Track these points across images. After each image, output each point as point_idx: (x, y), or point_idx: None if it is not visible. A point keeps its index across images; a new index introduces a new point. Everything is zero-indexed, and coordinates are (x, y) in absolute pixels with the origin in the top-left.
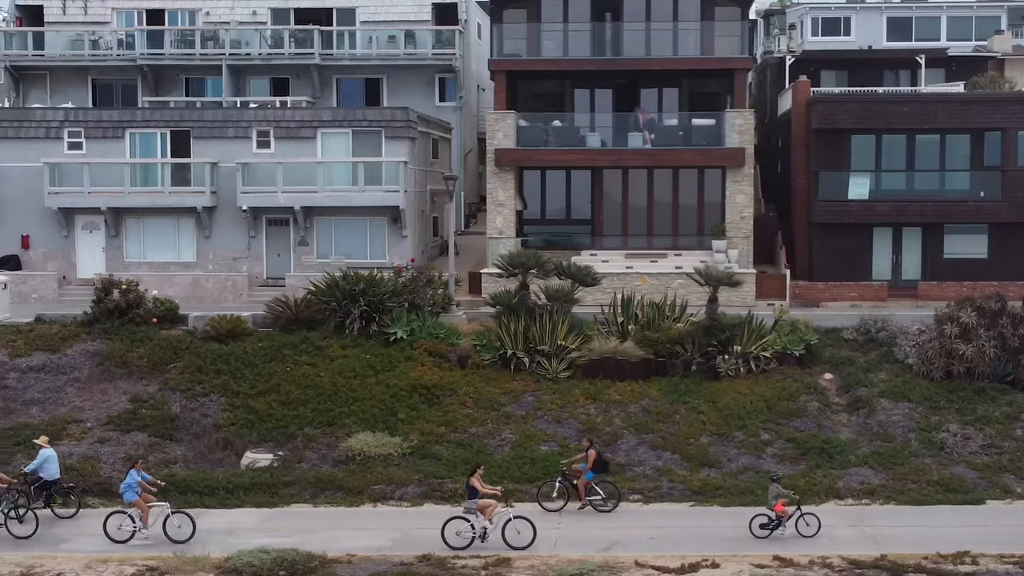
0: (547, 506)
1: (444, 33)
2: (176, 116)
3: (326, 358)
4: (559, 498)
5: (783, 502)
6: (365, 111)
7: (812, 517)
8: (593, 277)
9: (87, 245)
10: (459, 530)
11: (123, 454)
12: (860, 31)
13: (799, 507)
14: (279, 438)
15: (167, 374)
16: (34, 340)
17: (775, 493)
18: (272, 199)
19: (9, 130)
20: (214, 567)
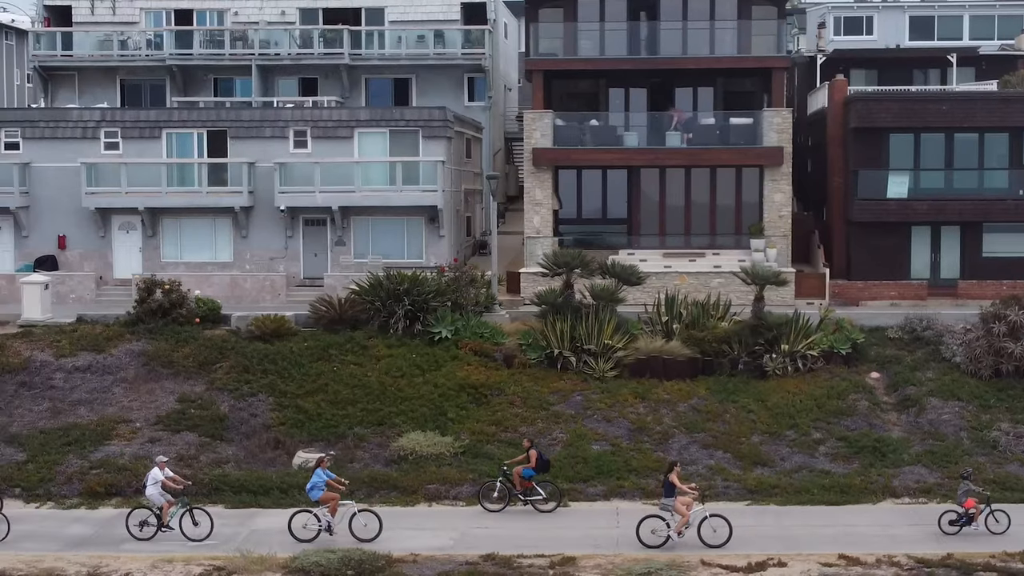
0: (488, 507)
1: (473, 33)
2: (213, 116)
3: (372, 358)
4: (500, 499)
5: (973, 499)
6: (402, 111)
7: (1002, 514)
8: (638, 276)
9: (124, 245)
10: (655, 528)
11: (174, 454)
12: (882, 30)
13: (989, 504)
14: (329, 438)
15: (213, 374)
16: (78, 340)
17: (964, 490)
18: (310, 199)
19: (45, 130)
20: (280, 567)
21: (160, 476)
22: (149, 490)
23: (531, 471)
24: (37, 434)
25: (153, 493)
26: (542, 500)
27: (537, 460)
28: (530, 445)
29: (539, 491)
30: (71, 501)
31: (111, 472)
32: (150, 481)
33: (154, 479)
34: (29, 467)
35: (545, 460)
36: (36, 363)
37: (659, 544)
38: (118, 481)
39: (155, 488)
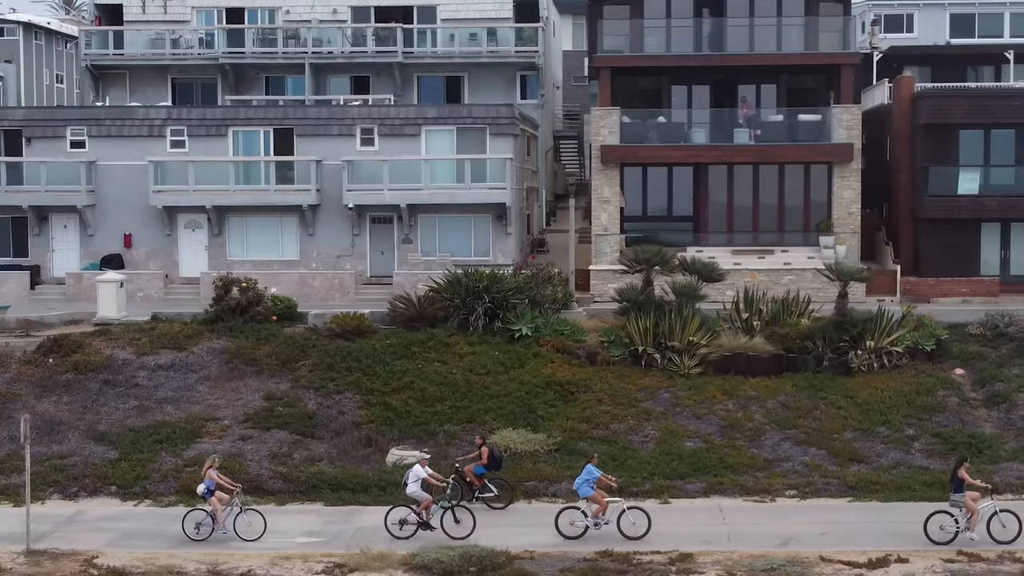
0: (442, 504)
1: (526, 30)
2: (279, 114)
3: (455, 355)
4: (453, 497)
5: None
6: (470, 108)
7: None
8: (719, 273)
9: (189, 244)
10: (943, 524)
11: (267, 452)
12: (923, 27)
13: None
14: (420, 435)
15: (297, 372)
16: (158, 338)
17: None
18: (378, 197)
19: (111, 129)
20: (400, 564)
21: (423, 473)
22: (411, 488)
23: (483, 468)
24: (127, 432)
25: (415, 490)
26: (494, 497)
27: (489, 457)
28: (482, 442)
29: (491, 488)
30: (168, 499)
31: None
32: (411, 479)
33: (416, 476)
34: (123, 465)
35: (497, 458)
36: (118, 361)
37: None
38: None
39: (416, 486)
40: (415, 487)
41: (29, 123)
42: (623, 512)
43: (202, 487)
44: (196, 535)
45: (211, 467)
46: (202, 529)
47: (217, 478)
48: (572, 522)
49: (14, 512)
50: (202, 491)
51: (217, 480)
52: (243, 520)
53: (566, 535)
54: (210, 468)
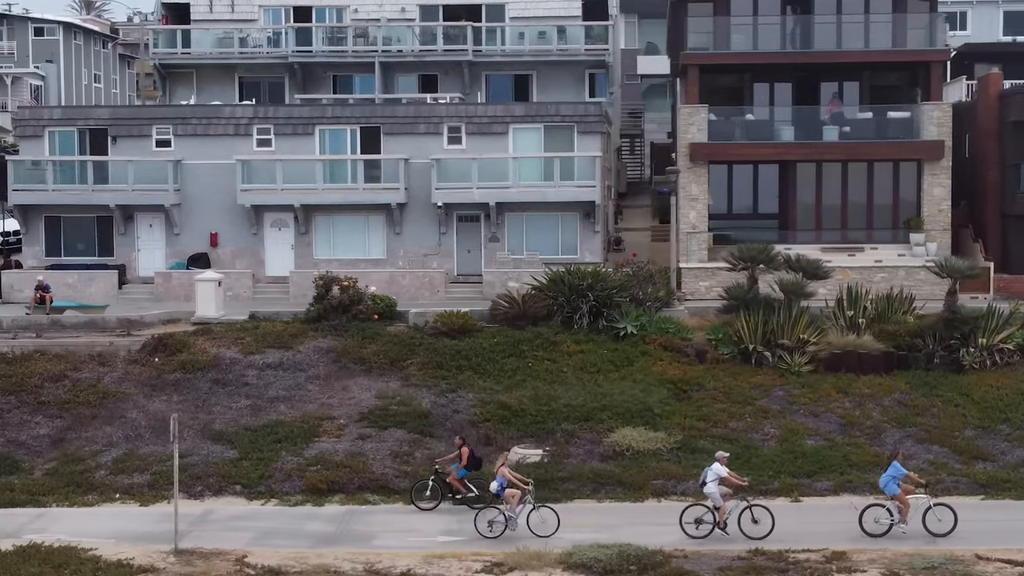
0: (421, 505)
1: (595, 28)
2: (366, 112)
3: (563, 353)
4: (432, 498)
5: None
6: (558, 106)
7: None
8: (824, 271)
9: (276, 243)
10: None
11: (388, 451)
12: (976, 25)
13: None
14: (538, 433)
15: (406, 370)
16: (263, 337)
17: None
18: (467, 195)
19: (198, 127)
20: (557, 562)
21: (723, 472)
22: (709, 487)
23: (464, 470)
24: (243, 431)
25: (713, 491)
26: (475, 498)
27: (469, 458)
28: (462, 443)
29: (472, 489)
30: (295, 498)
31: (329, 469)
32: (710, 477)
33: (715, 475)
34: (244, 464)
35: (477, 458)
36: (226, 360)
37: None
38: (339, 478)
39: (714, 485)
40: (713, 486)
41: (115, 122)
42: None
43: (495, 484)
44: (489, 532)
45: (503, 464)
46: (495, 527)
47: (509, 475)
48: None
49: (144, 512)
50: (495, 488)
51: (509, 477)
52: (536, 516)
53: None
54: (502, 465)
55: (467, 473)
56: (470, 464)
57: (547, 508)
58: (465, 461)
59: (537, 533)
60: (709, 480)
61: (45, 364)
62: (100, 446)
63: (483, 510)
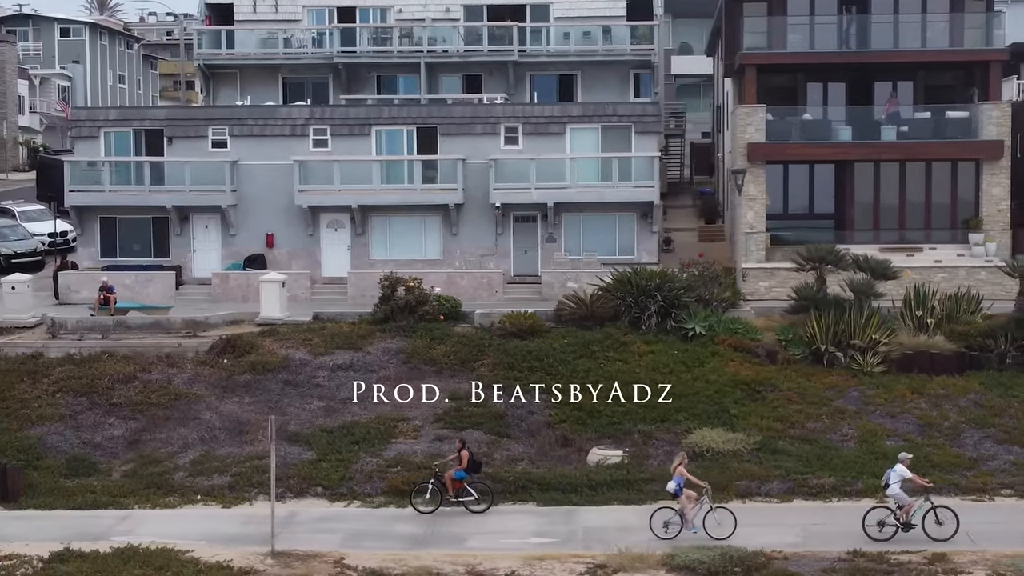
0: (420, 508)
1: (640, 28)
2: (423, 112)
3: (633, 354)
4: (432, 501)
5: None
6: (615, 106)
7: None
8: (893, 271)
9: (332, 243)
10: None
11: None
12: (1013, 25)
13: None
14: (615, 434)
15: (477, 371)
16: (331, 338)
17: None
18: (525, 195)
19: (254, 128)
20: (660, 564)
21: (907, 473)
22: (892, 488)
23: (463, 472)
24: (319, 433)
25: (897, 492)
26: (474, 501)
27: (469, 461)
28: (462, 446)
29: (471, 492)
30: (378, 500)
31: (410, 470)
32: (893, 479)
33: (899, 476)
34: (324, 466)
35: (477, 461)
36: (296, 362)
37: None
38: (421, 479)
39: (897, 486)
40: (896, 487)
41: (170, 123)
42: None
43: (672, 484)
44: (665, 533)
45: (681, 464)
46: (671, 528)
47: (688, 475)
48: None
49: (228, 513)
50: (673, 489)
51: (687, 477)
52: (712, 518)
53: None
54: (679, 465)
55: (466, 476)
56: (470, 467)
57: (724, 509)
58: (464, 464)
59: (713, 535)
60: (892, 481)
61: (114, 365)
62: (176, 447)
63: (659, 510)
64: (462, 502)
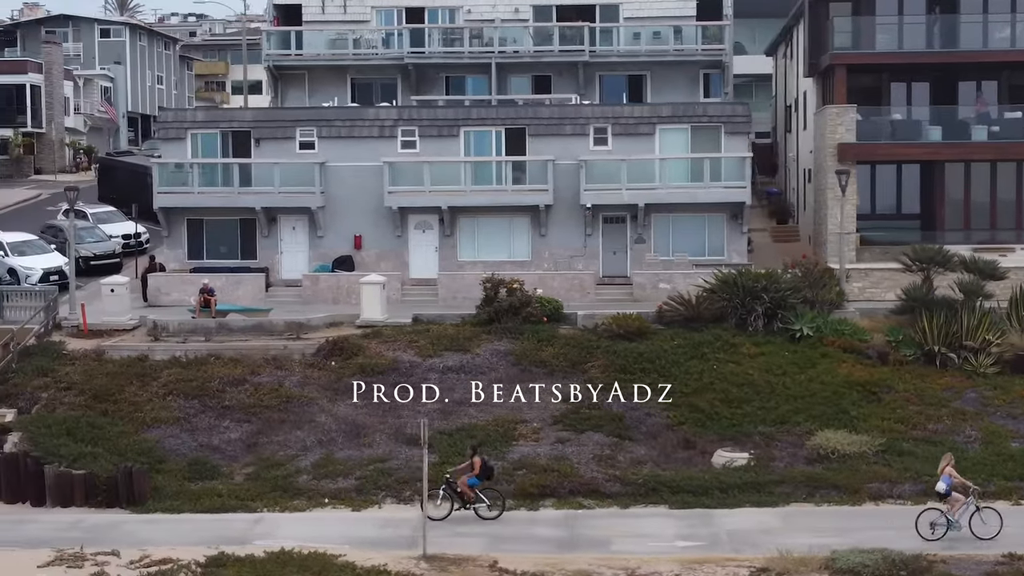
0: (432, 514)
1: (710, 28)
2: (512, 113)
3: (743, 355)
4: (444, 506)
5: None
6: (705, 106)
7: None
8: (1001, 272)
9: (420, 245)
10: None
11: (589, 454)
12: None
13: None
14: (736, 436)
15: (588, 373)
16: (437, 340)
17: None
18: (616, 196)
19: (342, 130)
20: (821, 567)
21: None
22: (941, 486)
23: (475, 479)
24: (437, 435)
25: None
26: (486, 507)
27: (481, 467)
28: (474, 452)
29: (483, 498)
30: (508, 502)
31: (537, 473)
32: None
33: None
34: (448, 468)
35: (489, 467)
36: (404, 364)
37: None
38: (549, 482)
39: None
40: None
41: (258, 124)
42: (975, 512)
43: (942, 484)
44: (931, 535)
45: (948, 464)
46: (937, 529)
47: (956, 476)
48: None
49: (360, 516)
50: (942, 489)
51: (957, 478)
52: (978, 518)
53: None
54: (947, 466)
55: (478, 482)
56: (482, 473)
57: (990, 509)
58: (477, 470)
59: (979, 535)
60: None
61: (221, 368)
62: (294, 450)
63: (925, 511)
64: (474, 508)
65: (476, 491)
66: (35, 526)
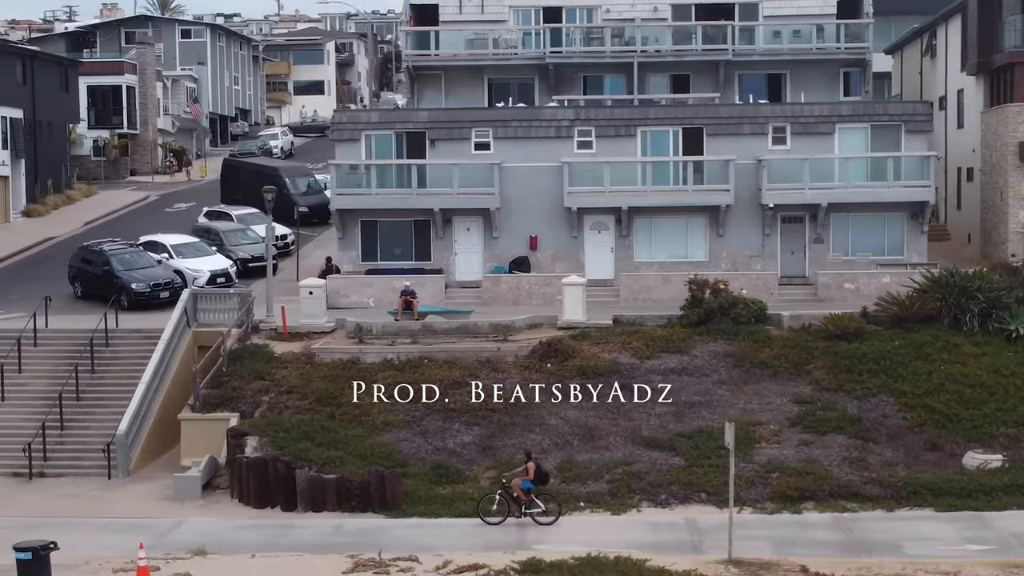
0: (488, 520)
1: (851, 26)
2: (689, 113)
3: (966, 356)
4: (499, 512)
5: None
6: (885, 105)
7: None
8: None
9: (595, 246)
10: None
11: (838, 456)
12: None
13: None
14: (980, 438)
15: (812, 374)
16: (651, 342)
17: None
18: (797, 196)
19: (518, 130)
20: None
21: None
22: None
23: (530, 483)
24: (676, 438)
25: None
26: (541, 512)
27: (536, 472)
28: (528, 458)
29: (538, 504)
30: (768, 505)
31: (791, 475)
32: None
33: None
34: (697, 471)
35: (544, 472)
36: (624, 365)
37: None
38: (807, 485)
39: None
40: None
41: (433, 125)
42: None
43: None
44: None
45: None
46: None
47: None
48: None
49: (625, 520)
50: None
51: None
52: None
53: None
54: None
55: (533, 487)
56: (537, 478)
57: None
58: (531, 475)
59: None
60: None
61: (436, 370)
62: (533, 453)
63: None
64: (530, 513)
65: (531, 495)
66: (302, 531)
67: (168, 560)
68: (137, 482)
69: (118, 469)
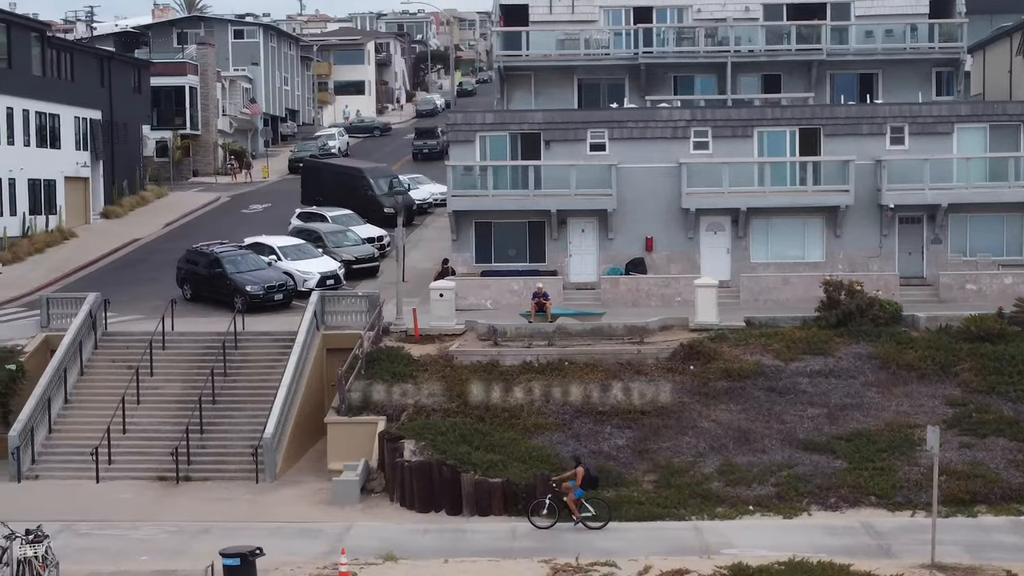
0: (537, 523)
1: (944, 26)
2: (807, 114)
3: None
4: (549, 516)
5: None
6: (1004, 105)
7: None
8: None
9: (711, 246)
10: None
11: (1002, 459)
12: None
13: None
14: None
15: (960, 376)
16: (793, 344)
17: None
18: (917, 196)
19: (634, 131)
20: None
21: None
22: None
23: (580, 490)
24: (834, 440)
25: None
26: (591, 517)
27: (585, 477)
28: (577, 463)
29: (588, 508)
30: (942, 509)
31: (959, 479)
32: None
33: None
34: (864, 474)
35: (593, 477)
36: (769, 368)
37: None
38: (977, 488)
39: None
40: None
41: (548, 126)
42: None
43: None
44: None
45: None
46: None
47: None
48: None
49: (797, 524)
50: None
51: None
52: None
53: None
54: None
55: (583, 492)
56: (585, 483)
57: None
58: (580, 481)
59: None
60: None
61: (578, 373)
62: (689, 456)
63: None
64: (580, 518)
65: (581, 500)
66: (478, 536)
67: (362, 566)
68: (286, 486)
69: (265, 473)
